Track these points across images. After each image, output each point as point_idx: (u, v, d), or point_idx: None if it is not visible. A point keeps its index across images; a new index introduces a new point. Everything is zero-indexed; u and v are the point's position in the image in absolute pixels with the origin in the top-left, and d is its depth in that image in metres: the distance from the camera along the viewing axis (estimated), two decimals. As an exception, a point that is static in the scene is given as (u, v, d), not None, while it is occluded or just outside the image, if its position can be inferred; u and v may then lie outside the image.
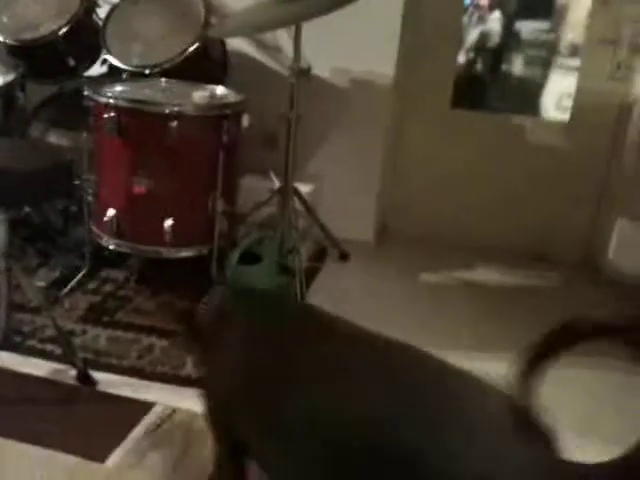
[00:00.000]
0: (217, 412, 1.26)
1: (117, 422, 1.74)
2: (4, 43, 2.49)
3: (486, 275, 2.81)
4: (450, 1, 2.89)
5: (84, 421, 1.75)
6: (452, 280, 2.78)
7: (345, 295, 2.52)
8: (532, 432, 0.87)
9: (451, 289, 2.71)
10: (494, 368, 1.01)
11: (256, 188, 2.60)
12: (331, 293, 2.50)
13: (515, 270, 2.86)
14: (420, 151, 3.00)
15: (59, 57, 2.53)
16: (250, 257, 2.17)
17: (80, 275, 2.34)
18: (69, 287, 2.30)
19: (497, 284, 2.77)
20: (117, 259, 2.50)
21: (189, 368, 1.97)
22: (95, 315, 2.20)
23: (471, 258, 2.85)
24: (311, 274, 2.56)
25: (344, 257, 2.76)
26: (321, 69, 2.69)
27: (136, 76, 2.37)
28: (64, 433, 1.69)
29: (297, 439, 1.02)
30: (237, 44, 2.74)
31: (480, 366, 1.06)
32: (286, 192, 2.43)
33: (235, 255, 2.14)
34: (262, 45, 2.79)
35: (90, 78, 2.60)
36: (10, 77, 2.38)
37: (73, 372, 1.88)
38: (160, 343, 2.08)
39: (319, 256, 2.75)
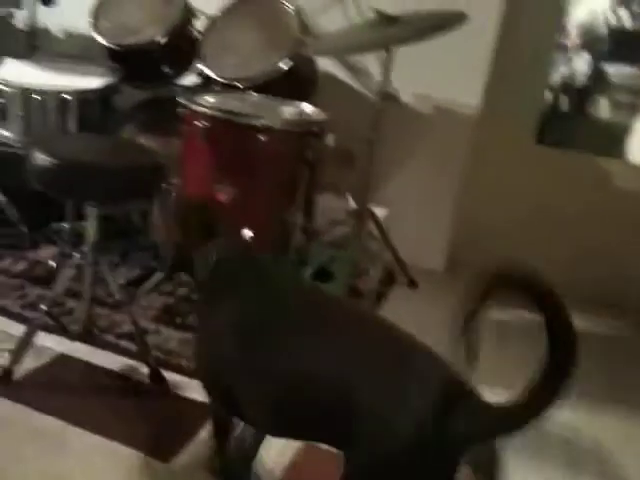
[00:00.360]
0: (212, 372, 1.40)
1: (184, 423, 1.77)
2: (105, 47, 2.60)
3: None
4: (541, 37, 2.87)
5: (152, 419, 1.80)
6: (518, 318, 2.72)
7: (410, 323, 2.49)
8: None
9: (517, 327, 2.65)
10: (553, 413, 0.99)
11: (331, 206, 2.62)
12: (396, 320, 2.48)
13: (584, 315, 2.77)
14: (498, 184, 2.97)
15: (155, 64, 2.63)
16: (323, 274, 2.19)
17: (158, 276, 2.41)
18: (147, 286, 2.37)
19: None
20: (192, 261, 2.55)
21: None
22: (168, 316, 2.26)
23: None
24: (378, 298, 2.55)
25: (412, 284, 2.74)
26: (406, 94, 2.70)
27: (228, 87, 2.43)
28: (131, 428, 1.73)
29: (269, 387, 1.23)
30: (325, 63, 2.78)
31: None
32: (361, 214, 2.44)
33: (308, 271, 2.16)
34: (349, 66, 2.83)
35: (183, 86, 2.69)
36: (109, 80, 2.49)
37: (145, 370, 1.93)
38: (228, 350, 2.11)
39: (388, 281, 2.74)
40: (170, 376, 1.94)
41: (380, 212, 2.60)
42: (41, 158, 1.69)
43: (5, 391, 1.78)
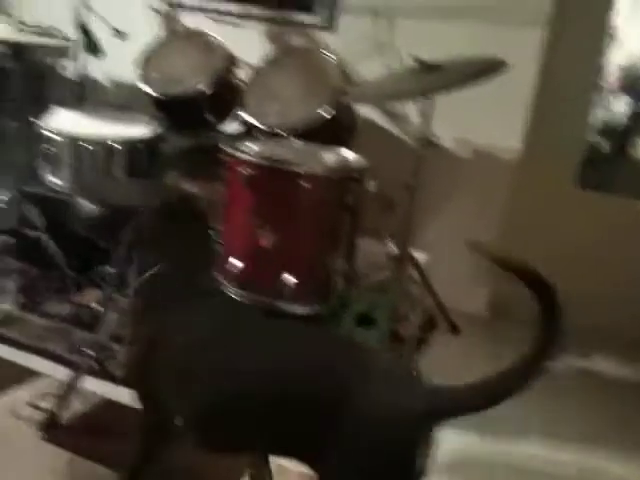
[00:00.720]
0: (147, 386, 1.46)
1: (218, 471, 1.76)
2: (151, 96, 2.69)
3: (601, 363, 2.67)
4: (580, 80, 2.87)
5: (195, 467, 1.79)
6: (564, 365, 2.66)
7: (452, 369, 2.46)
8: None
9: (563, 375, 2.59)
10: (602, 464, 0.95)
11: (371, 251, 2.63)
12: (438, 366, 2.45)
13: (625, 359, 2.71)
14: (538, 227, 2.94)
15: (199, 112, 2.70)
16: (364, 320, 2.18)
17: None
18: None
19: (613, 374, 2.62)
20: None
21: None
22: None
23: (586, 344, 2.72)
24: (420, 344, 2.52)
25: (454, 330, 2.71)
26: (446, 139, 2.72)
27: (270, 135, 2.48)
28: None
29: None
30: (365, 109, 2.82)
31: (588, 460, 1.03)
32: (402, 258, 2.44)
33: (350, 316, 2.16)
34: (389, 112, 2.87)
35: (226, 134, 2.75)
36: (155, 128, 2.57)
37: (187, 415, 1.94)
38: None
39: (429, 326, 2.71)
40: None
41: (420, 256, 2.59)
42: (88, 205, 1.74)
43: (52, 436, 1.79)
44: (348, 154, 2.41)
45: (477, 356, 2.60)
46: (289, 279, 2.18)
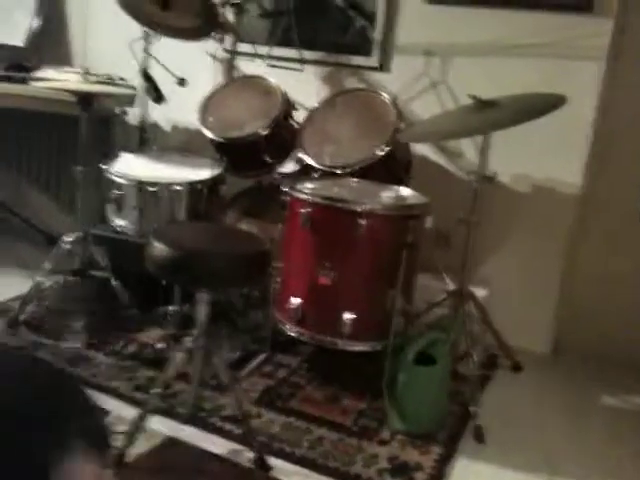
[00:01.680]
0: None
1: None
2: (211, 139, 2.77)
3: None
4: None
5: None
6: (630, 405, 2.56)
7: (515, 409, 2.41)
8: None
9: (628, 415, 2.48)
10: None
11: (428, 287, 2.61)
12: (501, 405, 2.40)
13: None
14: (602, 263, 2.86)
15: (257, 154, 2.77)
16: (424, 358, 2.16)
17: (260, 359, 2.46)
18: (248, 369, 2.41)
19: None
20: (288, 345, 2.59)
21: (359, 466, 1.95)
22: (269, 399, 2.27)
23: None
24: (481, 382, 2.48)
25: (517, 368, 2.65)
26: (504, 174, 2.70)
27: (326, 175, 2.52)
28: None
29: None
30: (420, 147, 2.84)
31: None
32: (461, 295, 2.42)
33: (410, 354, 2.14)
34: (443, 149, 2.88)
35: (283, 174, 2.81)
36: (216, 171, 2.65)
37: (249, 454, 1.94)
38: (330, 436, 2.09)
39: (490, 364, 2.66)
40: (273, 461, 1.94)
41: (480, 293, 2.56)
42: (160, 248, 1.80)
43: (118, 474, 1.83)
44: (405, 191, 2.42)
45: (540, 394, 2.53)
46: (348, 317, 2.18)
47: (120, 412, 2.11)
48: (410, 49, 2.86)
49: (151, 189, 2.47)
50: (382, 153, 2.45)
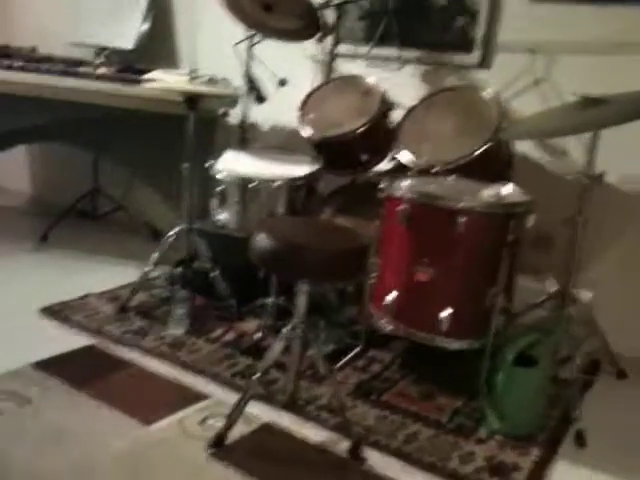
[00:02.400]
0: None
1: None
2: (309, 138, 2.83)
3: None
4: None
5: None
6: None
7: (617, 416, 2.31)
8: None
9: None
10: None
11: (527, 288, 2.55)
12: (603, 412, 2.31)
13: None
14: None
15: (354, 152, 2.80)
16: (523, 359, 2.11)
17: (354, 352, 2.48)
18: (343, 362, 2.45)
19: None
20: (382, 340, 2.61)
21: (455, 462, 1.94)
22: (363, 392, 2.29)
23: None
24: (583, 388, 2.39)
25: (621, 375, 2.54)
26: (612, 174, 2.59)
27: (423, 173, 2.52)
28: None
29: None
30: (522, 144, 2.78)
31: None
32: (564, 297, 2.35)
33: (510, 355, 2.10)
34: (546, 147, 2.81)
35: (379, 172, 2.83)
36: (313, 168, 2.70)
37: (345, 444, 1.97)
38: (426, 432, 2.09)
39: (592, 370, 2.57)
40: (368, 453, 1.96)
41: (584, 295, 2.47)
42: (264, 240, 1.86)
43: (218, 454, 1.90)
44: (507, 189, 2.38)
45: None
46: (446, 314, 2.17)
47: (220, 396, 2.20)
48: (512, 46, 2.81)
49: (252, 185, 2.55)
50: (483, 151, 2.42)
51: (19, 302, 2.77)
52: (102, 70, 3.32)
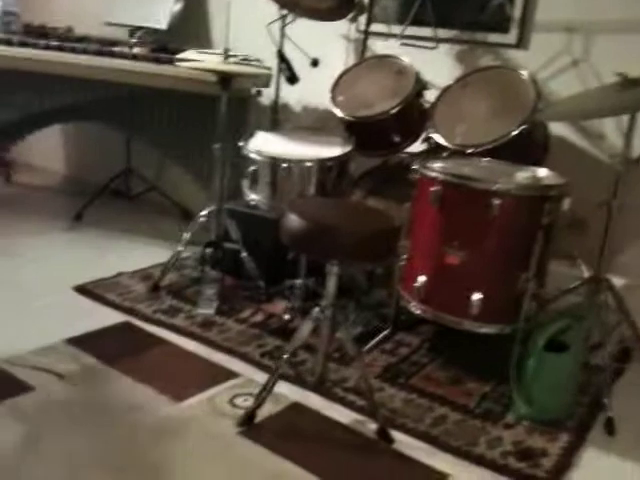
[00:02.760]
0: None
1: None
2: (341, 118, 2.81)
3: None
4: None
5: (376, 476, 1.82)
6: None
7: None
8: None
9: None
10: None
11: (560, 273, 2.51)
12: (633, 399, 2.28)
13: None
14: None
15: (386, 133, 2.78)
16: (554, 345, 2.09)
17: (382, 335, 2.48)
18: (371, 344, 2.45)
19: None
20: (411, 323, 2.60)
21: (482, 447, 1.93)
22: (390, 375, 2.29)
23: None
24: (613, 375, 2.35)
25: (654, 363, 2.50)
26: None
27: (456, 154, 2.49)
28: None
29: None
30: (557, 126, 2.73)
31: None
32: (597, 282, 2.30)
33: (541, 340, 2.07)
34: (582, 129, 2.74)
35: (411, 153, 2.80)
36: (344, 149, 2.68)
37: (372, 426, 1.98)
38: (453, 416, 2.08)
39: (624, 357, 2.53)
40: (396, 435, 1.96)
41: (618, 281, 2.42)
42: (295, 220, 1.86)
43: (248, 432, 1.93)
44: (542, 172, 2.34)
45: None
46: (476, 297, 2.15)
47: (249, 375, 2.23)
48: (550, 26, 2.75)
49: (283, 165, 2.54)
50: (518, 132, 2.38)
51: (54, 280, 2.83)
52: (137, 50, 3.34)
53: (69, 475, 1.70)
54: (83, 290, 2.76)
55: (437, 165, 2.31)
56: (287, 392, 2.13)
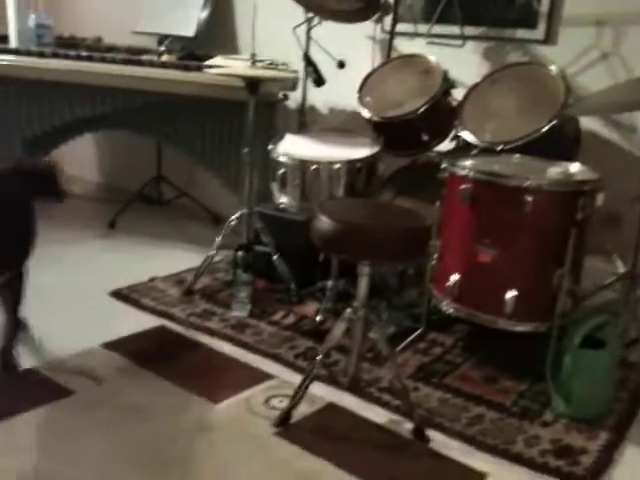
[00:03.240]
0: None
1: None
2: (369, 119, 2.82)
3: None
4: None
5: (413, 475, 1.81)
6: None
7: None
8: None
9: None
10: None
11: (595, 269, 2.48)
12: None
13: None
14: None
15: (414, 133, 2.77)
16: (590, 341, 2.06)
17: (415, 335, 2.47)
18: (404, 344, 2.44)
19: None
20: (443, 323, 2.59)
21: (520, 446, 1.92)
22: (424, 375, 2.29)
23: None
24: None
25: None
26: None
27: (486, 151, 2.47)
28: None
29: None
30: (589, 121, 2.69)
31: None
32: (632, 278, 2.28)
33: (577, 337, 2.05)
34: (614, 123, 2.70)
35: (440, 152, 2.79)
36: (373, 149, 2.69)
37: (408, 425, 1.98)
38: (490, 415, 2.07)
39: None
40: (432, 434, 1.96)
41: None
42: (326, 222, 1.87)
43: (284, 432, 1.94)
44: (574, 167, 2.31)
45: None
46: (510, 295, 2.14)
47: (283, 377, 2.24)
48: (578, 20, 2.72)
49: (312, 167, 2.56)
50: (547, 128, 2.35)
51: (90, 285, 2.88)
52: (165, 58, 3.39)
53: (108, 477, 1.73)
54: (119, 295, 2.81)
55: (467, 163, 2.30)
56: (322, 393, 2.13)
